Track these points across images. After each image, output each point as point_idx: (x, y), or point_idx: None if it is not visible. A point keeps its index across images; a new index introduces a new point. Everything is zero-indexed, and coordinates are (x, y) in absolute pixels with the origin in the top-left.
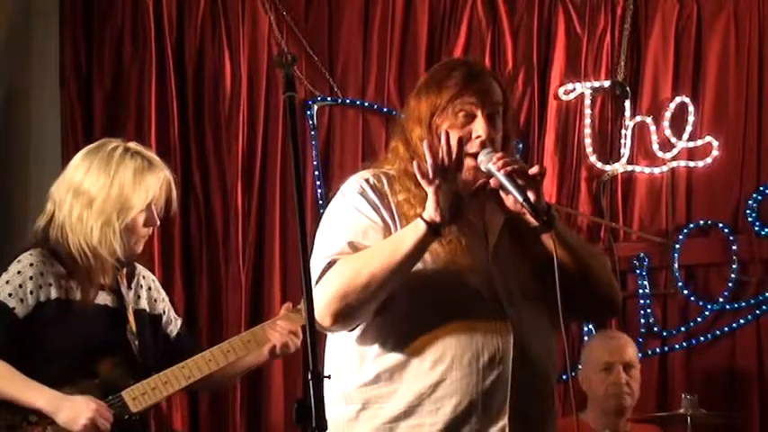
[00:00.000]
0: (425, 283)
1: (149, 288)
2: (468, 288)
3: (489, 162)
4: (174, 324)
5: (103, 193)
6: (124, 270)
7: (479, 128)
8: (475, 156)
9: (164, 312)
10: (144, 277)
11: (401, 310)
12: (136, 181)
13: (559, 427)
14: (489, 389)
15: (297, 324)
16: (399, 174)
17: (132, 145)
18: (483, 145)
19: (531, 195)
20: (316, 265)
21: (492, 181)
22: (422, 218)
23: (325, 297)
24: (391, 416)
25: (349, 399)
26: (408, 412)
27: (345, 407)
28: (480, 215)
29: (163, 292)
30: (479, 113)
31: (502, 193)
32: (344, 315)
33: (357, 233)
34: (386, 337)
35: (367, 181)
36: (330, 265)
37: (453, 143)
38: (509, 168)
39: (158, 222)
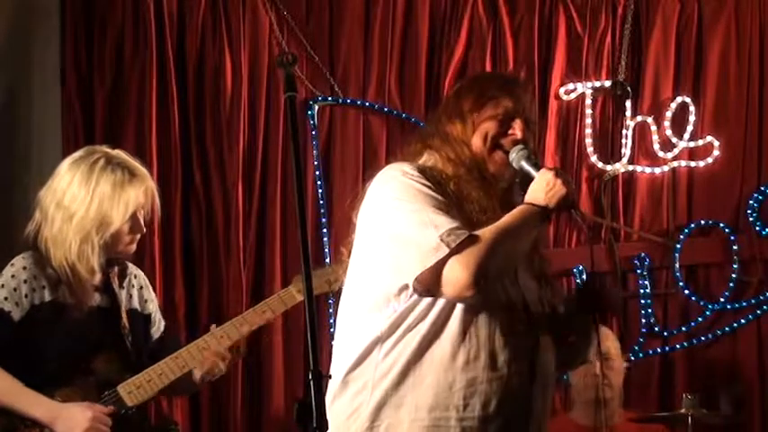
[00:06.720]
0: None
1: (141, 288)
2: (502, 302)
3: (522, 159)
4: (158, 327)
5: (82, 208)
6: (116, 269)
7: (517, 128)
8: (506, 152)
9: (152, 313)
10: (135, 276)
11: (441, 323)
12: (115, 195)
13: (550, 428)
14: (521, 407)
15: (224, 345)
16: (443, 160)
17: (115, 154)
18: (515, 143)
19: None
20: (427, 238)
21: None
22: (532, 204)
23: (469, 268)
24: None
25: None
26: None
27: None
28: None
29: (153, 294)
30: (518, 116)
31: None
32: (482, 286)
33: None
34: (417, 349)
35: (411, 167)
36: (459, 239)
37: None
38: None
39: (144, 230)
